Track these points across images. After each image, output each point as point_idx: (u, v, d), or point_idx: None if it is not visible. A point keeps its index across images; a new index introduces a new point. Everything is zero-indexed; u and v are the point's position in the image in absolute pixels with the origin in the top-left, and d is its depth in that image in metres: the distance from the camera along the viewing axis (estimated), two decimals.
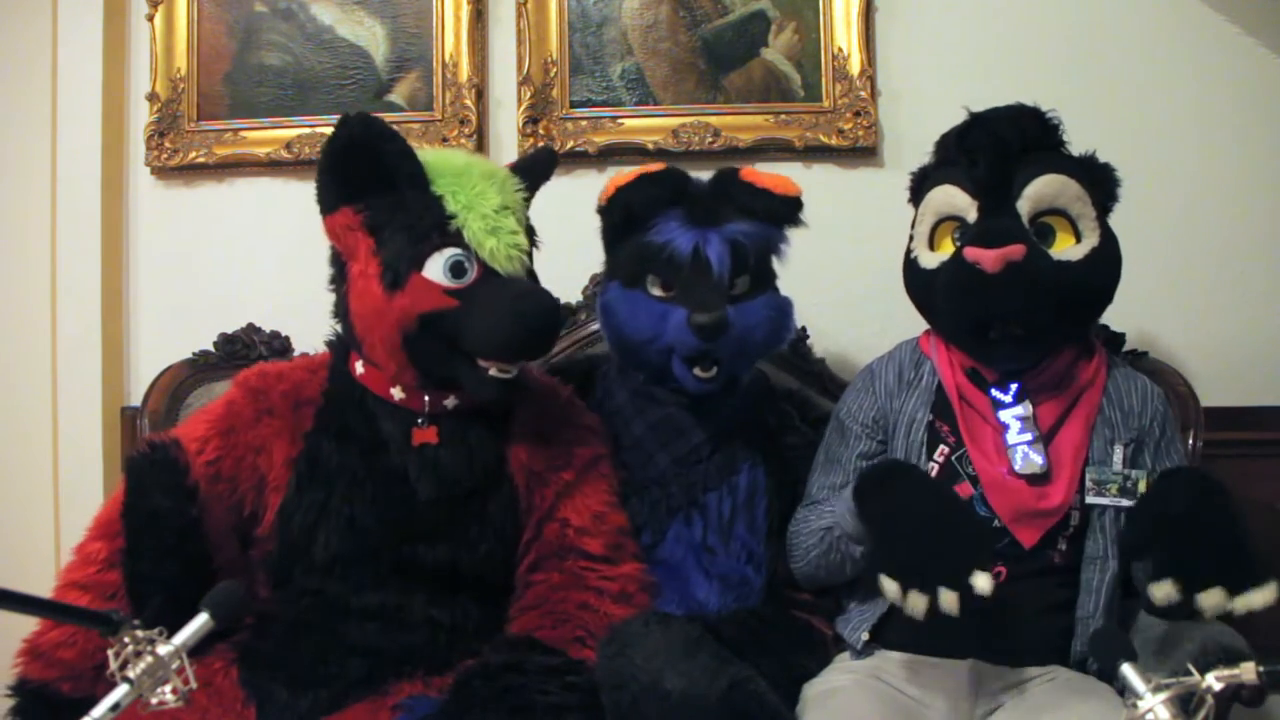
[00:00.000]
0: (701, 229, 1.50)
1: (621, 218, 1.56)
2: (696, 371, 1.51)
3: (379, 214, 1.36)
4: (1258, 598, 1.18)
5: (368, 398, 1.43)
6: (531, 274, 1.44)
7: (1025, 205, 1.40)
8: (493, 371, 1.37)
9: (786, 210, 1.55)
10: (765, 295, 1.55)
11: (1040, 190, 1.39)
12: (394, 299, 1.33)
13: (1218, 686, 0.91)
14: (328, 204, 1.40)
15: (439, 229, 1.36)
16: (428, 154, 1.43)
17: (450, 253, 1.36)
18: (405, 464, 1.40)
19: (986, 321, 1.37)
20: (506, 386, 1.40)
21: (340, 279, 1.42)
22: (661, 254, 1.50)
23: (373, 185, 1.36)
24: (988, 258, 1.33)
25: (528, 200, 1.49)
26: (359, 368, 1.43)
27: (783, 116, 2.01)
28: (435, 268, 1.35)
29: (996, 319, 1.37)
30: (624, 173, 1.58)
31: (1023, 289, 1.34)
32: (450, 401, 1.43)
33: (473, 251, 1.36)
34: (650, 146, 2.01)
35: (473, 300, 1.35)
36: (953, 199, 1.43)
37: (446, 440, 1.41)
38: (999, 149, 1.40)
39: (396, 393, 1.41)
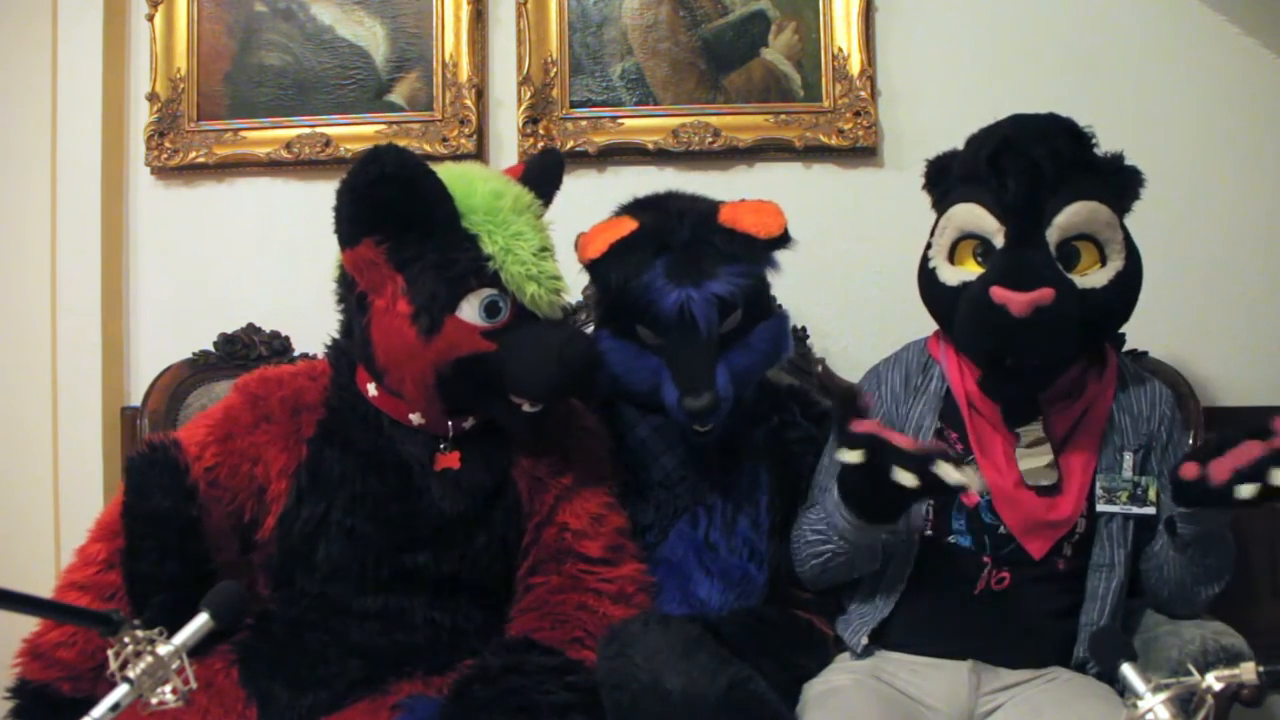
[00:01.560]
0: (684, 286, 1.45)
1: (603, 288, 1.53)
2: (695, 427, 1.49)
3: (405, 249, 1.32)
4: None
5: (382, 419, 1.41)
6: None
7: (1054, 234, 1.35)
8: (525, 407, 1.37)
9: (770, 248, 1.50)
10: (759, 327, 1.52)
11: (1070, 220, 1.35)
12: (430, 343, 1.31)
13: (1218, 686, 0.91)
14: (349, 237, 1.34)
15: (476, 272, 1.32)
16: (447, 175, 1.36)
17: (486, 293, 1.33)
18: (427, 484, 1.39)
19: (1007, 355, 1.35)
20: (537, 418, 1.39)
21: (358, 307, 1.37)
22: (647, 310, 1.47)
23: (399, 219, 1.32)
24: (1016, 302, 1.29)
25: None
26: (371, 389, 1.42)
27: (783, 116, 2.01)
28: (470, 309, 1.32)
29: (1017, 357, 1.35)
30: (596, 229, 1.50)
31: (1048, 332, 1.31)
32: (469, 423, 1.43)
33: (508, 292, 1.34)
34: (650, 146, 2.01)
35: (510, 343, 1.33)
36: (979, 219, 1.39)
37: (467, 460, 1.41)
38: (1032, 174, 1.34)
39: (415, 418, 1.40)
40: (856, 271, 1.97)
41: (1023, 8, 2.00)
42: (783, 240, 1.49)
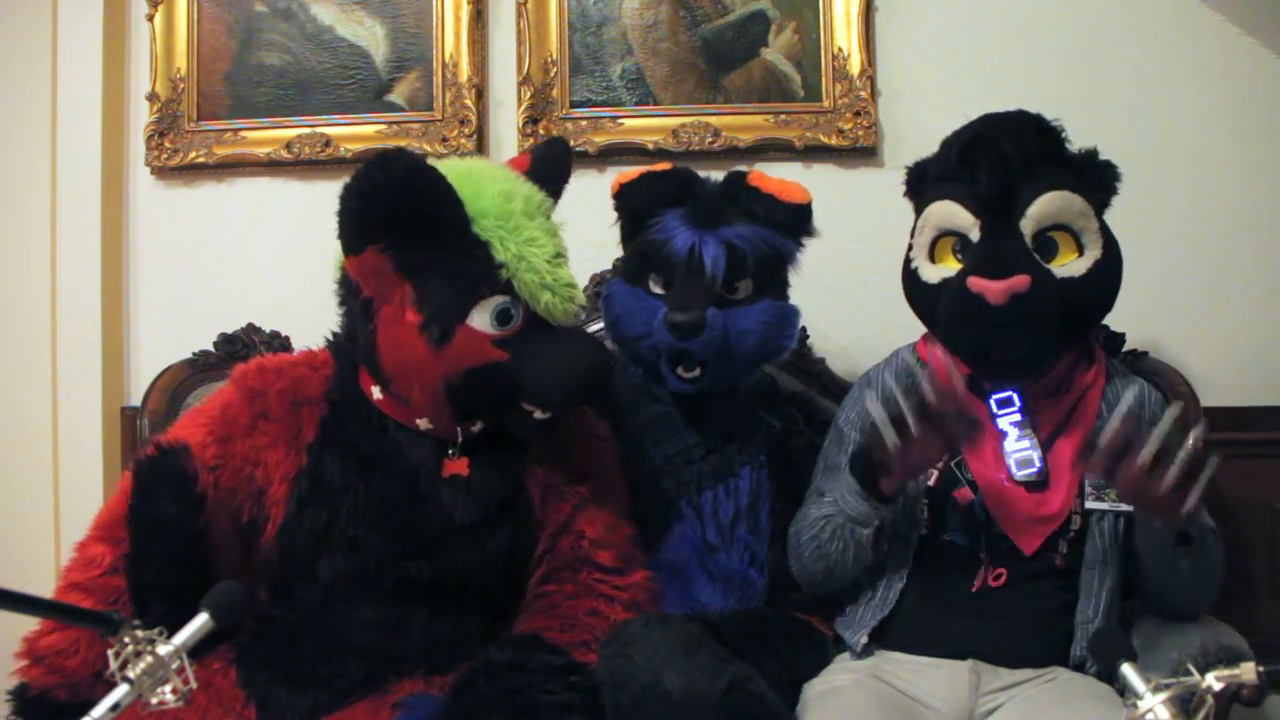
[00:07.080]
0: (700, 230, 1.50)
1: (623, 215, 1.58)
2: (679, 371, 1.51)
3: (414, 257, 1.28)
4: None
5: (387, 422, 1.38)
6: None
7: (1029, 224, 1.37)
8: (537, 414, 1.35)
9: (791, 218, 1.54)
10: (764, 302, 1.53)
11: (1044, 209, 1.37)
12: (440, 354, 1.28)
13: (1218, 686, 0.91)
14: (354, 244, 1.29)
15: (488, 281, 1.29)
16: (454, 174, 1.32)
17: (497, 301, 1.30)
18: (434, 490, 1.37)
19: (989, 347, 1.36)
20: (546, 424, 1.37)
21: (362, 313, 1.33)
22: (660, 252, 1.51)
23: (406, 228, 1.27)
24: (992, 290, 1.31)
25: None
26: (376, 392, 1.38)
27: (783, 116, 2.01)
28: (481, 317, 1.29)
29: (999, 348, 1.36)
30: (630, 170, 1.59)
31: (1027, 320, 1.32)
32: (477, 427, 1.40)
33: (520, 299, 1.31)
34: (650, 146, 2.01)
35: (523, 351, 1.30)
36: (955, 215, 1.41)
37: (476, 467, 1.39)
38: (1001, 166, 1.37)
39: (422, 423, 1.37)
40: (856, 271, 1.97)
41: (1023, 8, 2.01)
42: (805, 215, 1.55)
